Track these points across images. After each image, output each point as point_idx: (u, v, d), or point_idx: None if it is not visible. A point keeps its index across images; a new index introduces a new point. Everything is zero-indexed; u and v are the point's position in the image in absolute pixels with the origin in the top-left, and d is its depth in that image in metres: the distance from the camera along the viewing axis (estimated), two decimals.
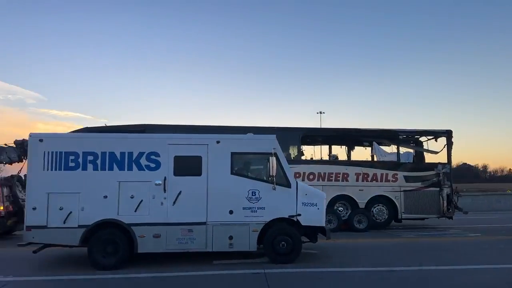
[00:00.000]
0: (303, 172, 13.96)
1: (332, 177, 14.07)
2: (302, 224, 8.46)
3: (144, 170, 8.28)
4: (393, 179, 14.28)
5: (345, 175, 14.13)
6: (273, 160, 8.34)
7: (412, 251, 10.21)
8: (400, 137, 15.22)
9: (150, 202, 8.17)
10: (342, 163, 14.82)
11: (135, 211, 8.10)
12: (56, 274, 7.64)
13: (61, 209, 7.93)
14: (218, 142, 8.53)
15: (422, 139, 15.81)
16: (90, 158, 8.16)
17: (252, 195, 8.39)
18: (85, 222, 7.95)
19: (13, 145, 14.08)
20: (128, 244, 8.02)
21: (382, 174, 14.28)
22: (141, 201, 8.14)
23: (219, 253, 8.48)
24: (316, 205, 8.53)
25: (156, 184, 8.23)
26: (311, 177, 13.99)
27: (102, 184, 8.08)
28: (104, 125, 14.14)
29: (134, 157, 8.28)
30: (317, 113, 55.47)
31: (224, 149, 8.50)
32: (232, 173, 8.46)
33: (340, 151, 19.36)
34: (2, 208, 12.46)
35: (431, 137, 15.25)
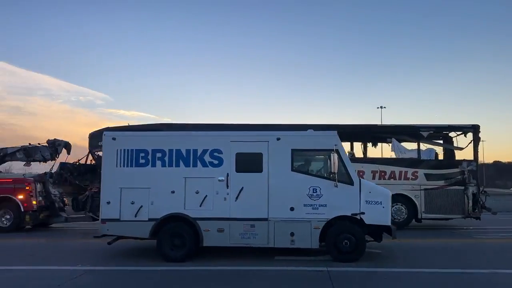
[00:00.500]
0: None
1: None
2: (366, 222, 8.25)
3: (208, 166, 8.56)
4: (413, 177, 13.53)
5: (360, 173, 13.13)
6: (334, 156, 8.22)
7: (482, 252, 9.54)
8: (422, 133, 14.10)
9: (214, 197, 8.43)
10: (358, 160, 14.07)
11: (200, 206, 8.41)
12: (127, 264, 8.14)
13: (132, 203, 8.45)
14: (278, 139, 8.58)
15: (452, 134, 14.68)
16: (158, 155, 8.60)
17: (313, 192, 8.34)
18: (154, 215, 8.40)
19: (46, 144, 15.45)
20: (194, 237, 8.35)
21: (400, 172, 13.55)
22: (206, 196, 8.43)
23: (281, 250, 8.54)
24: (381, 203, 8.27)
25: (219, 180, 8.47)
26: None
27: (170, 180, 8.49)
28: (127, 124, 14.88)
29: (198, 154, 8.59)
30: (378, 107, 53.56)
31: (285, 146, 8.53)
32: (292, 169, 8.47)
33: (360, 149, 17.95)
34: (35, 202, 13.64)
35: (459, 132, 14.23)
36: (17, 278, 7.19)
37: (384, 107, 54.12)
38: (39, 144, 15.46)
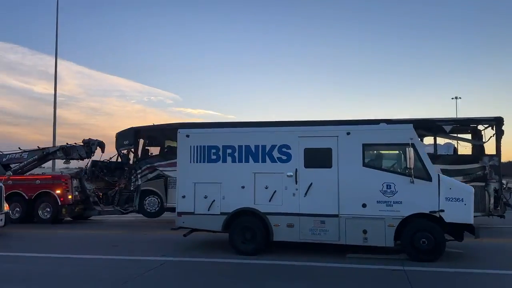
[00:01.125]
0: None
1: None
2: (446, 220, 7.72)
3: (277, 162, 8.60)
4: None
5: None
6: (410, 151, 7.78)
7: None
8: (443, 127, 12.98)
9: (283, 192, 8.46)
10: None
11: (270, 201, 8.49)
12: (201, 256, 8.48)
13: (205, 197, 8.80)
14: (348, 133, 8.34)
15: (480, 127, 13.21)
16: (229, 151, 8.84)
17: (387, 188, 7.99)
18: (226, 209, 8.66)
19: (81, 144, 16.58)
20: (264, 232, 8.46)
21: None
22: (275, 191, 8.49)
23: (353, 247, 8.32)
24: (463, 201, 7.68)
25: (288, 176, 8.47)
26: None
27: (240, 175, 8.68)
28: (152, 124, 15.35)
29: (267, 150, 8.67)
30: (452, 98, 49.85)
31: (355, 141, 8.27)
32: (364, 165, 8.19)
33: None
34: (71, 197, 14.70)
35: (482, 126, 12.99)
36: (105, 267, 7.87)
37: (459, 98, 49.99)
38: (75, 143, 16.85)
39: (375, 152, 8.47)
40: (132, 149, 15.07)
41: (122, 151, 15.56)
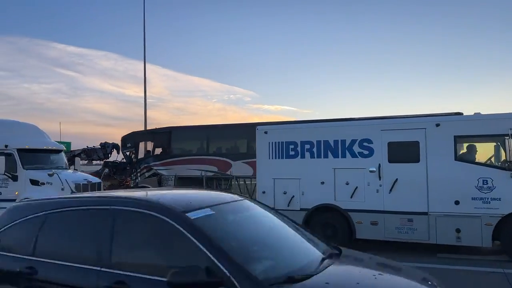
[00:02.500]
0: None
1: None
2: None
3: (358, 157, 8.31)
4: None
5: None
6: (510, 142, 7.04)
7: None
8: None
9: (365, 189, 8.16)
10: None
11: (351, 197, 8.25)
12: None
13: (284, 193, 8.80)
14: (437, 125, 7.77)
15: None
16: (307, 146, 8.73)
17: (483, 184, 7.32)
18: (306, 205, 8.59)
19: (99, 146, 18.33)
20: (347, 229, 8.25)
21: None
22: (356, 187, 8.22)
23: (444, 246, 7.78)
24: None
25: (370, 171, 8.15)
26: None
27: (319, 171, 8.54)
28: (155, 128, 16.97)
29: (347, 145, 8.41)
30: None
31: (445, 133, 7.68)
32: (456, 159, 7.59)
33: None
34: None
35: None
36: None
37: None
38: (94, 146, 18.60)
39: (468, 144, 7.79)
40: (133, 151, 16.65)
41: (126, 153, 17.03)
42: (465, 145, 7.79)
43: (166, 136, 15.67)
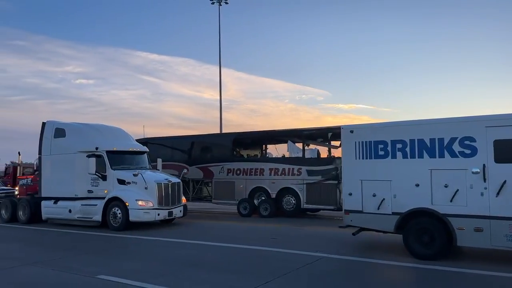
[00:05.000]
0: (233, 168, 16.50)
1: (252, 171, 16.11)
2: None
3: (458, 157, 7.58)
4: (298, 173, 15.15)
5: (261, 170, 15.91)
6: None
7: None
8: (305, 134, 15.86)
9: (468, 192, 7.41)
10: (259, 160, 16.89)
11: (451, 201, 7.54)
12: (368, 256, 8.03)
13: (374, 195, 8.31)
14: None
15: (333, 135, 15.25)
16: (398, 146, 8.17)
17: None
18: (398, 209, 8.03)
19: None
20: (446, 235, 7.56)
21: (289, 169, 15.32)
22: (457, 190, 7.50)
23: None
24: None
25: (473, 173, 7.39)
26: (238, 172, 16.40)
27: (413, 172, 7.94)
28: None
29: (445, 143, 7.71)
30: None
31: None
32: None
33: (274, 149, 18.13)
34: None
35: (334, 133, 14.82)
36: (263, 257, 8.21)
37: None
38: None
39: None
40: None
41: None
42: None
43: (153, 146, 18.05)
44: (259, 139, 17.85)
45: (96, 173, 12.96)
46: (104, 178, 12.99)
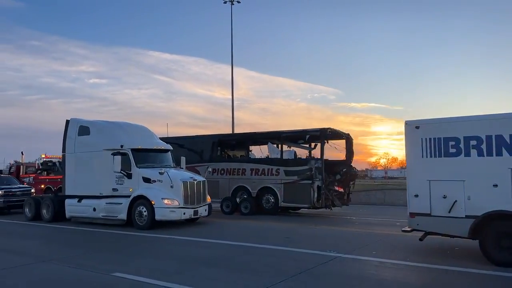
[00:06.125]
0: (218, 168, 17.16)
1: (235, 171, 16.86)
2: None
3: None
4: (276, 173, 15.87)
5: (243, 170, 16.69)
6: None
7: None
8: (283, 136, 16.83)
9: None
10: (241, 160, 17.71)
11: None
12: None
13: (444, 197, 7.62)
14: None
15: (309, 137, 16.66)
16: (473, 142, 7.48)
17: None
18: (473, 212, 7.33)
19: None
20: None
21: (269, 169, 16.06)
22: None
23: None
24: None
25: None
26: (222, 172, 17.14)
27: (490, 172, 7.25)
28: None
29: None
30: None
31: None
32: None
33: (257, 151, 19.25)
34: None
35: (310, 135, 16.31)
36: (278, 257, 7.97)
37: None
38: None
39: None
40: None
41: None
42: None
43: None
44: (242, 141, 18.89)
45: (122, 171, 12.43)
46: (129, 176, 12.47)
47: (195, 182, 12.65)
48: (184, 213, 12.12)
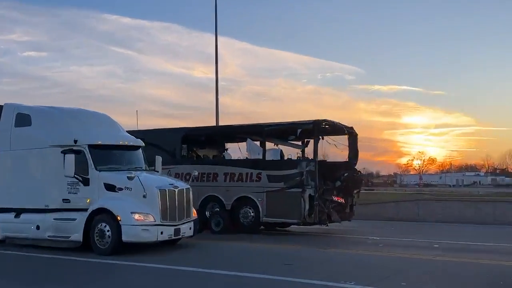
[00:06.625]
0: (181, 173, 13.75)
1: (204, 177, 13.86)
2: None
3: None
4: (257, 179, 13.24)
5: (214, 175, 13.89)
6: None
7: None
8: (266, 131, 13.71)
9: None
10: (212, 162, 14.81)
11: None
12: None
13: None
14: None
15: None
16: None
17: None
18: None
19: None
20: None
21: (247, 174, 13.40)
22: None
23: None
24: None
25: None
26: (187, 177, 13.34)
27: None
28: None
29: None
30: None
31: None
32: None
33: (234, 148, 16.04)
34: None
35: (301, 129, 13.37)
36: None
37: None
38: None
39: None
40: None
41: None
42: None
43: None
44: (214, 137, 16.05)
45: (76, 176, 9.91)
46: (86, 182, 9.97)
47: (177, 190, 10.17)
48: (161, 233, 9.67)
